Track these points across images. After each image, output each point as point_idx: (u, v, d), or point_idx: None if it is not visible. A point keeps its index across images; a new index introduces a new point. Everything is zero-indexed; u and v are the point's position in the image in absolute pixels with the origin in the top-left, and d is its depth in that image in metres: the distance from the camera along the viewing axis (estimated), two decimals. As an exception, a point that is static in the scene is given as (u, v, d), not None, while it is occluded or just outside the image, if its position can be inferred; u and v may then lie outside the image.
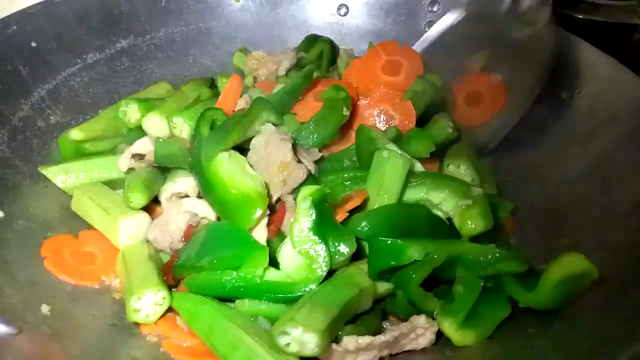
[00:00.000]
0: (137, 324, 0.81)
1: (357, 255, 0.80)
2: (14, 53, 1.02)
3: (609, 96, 0.92)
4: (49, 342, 0.74)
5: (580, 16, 1.21)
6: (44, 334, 0.74)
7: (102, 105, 1.13)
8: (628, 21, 1.20)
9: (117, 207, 0.92)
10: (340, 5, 1.26)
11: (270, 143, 0.88)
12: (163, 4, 1.19)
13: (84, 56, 1.11)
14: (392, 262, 0.77)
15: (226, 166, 0.83)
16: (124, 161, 0.97)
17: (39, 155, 1.01)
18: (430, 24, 1.16)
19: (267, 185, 0.85)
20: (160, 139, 0.95)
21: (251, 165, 0.85)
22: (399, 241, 0.78)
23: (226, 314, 0.78)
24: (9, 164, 0.95)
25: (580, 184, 0.91)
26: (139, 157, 0.97)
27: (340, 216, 0.82)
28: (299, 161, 0.88)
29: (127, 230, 0.90)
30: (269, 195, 0.84)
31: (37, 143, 1.01)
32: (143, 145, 0.96)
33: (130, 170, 0.97)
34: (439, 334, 0.77)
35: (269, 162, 0.86)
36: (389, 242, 0.79)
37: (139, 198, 0.90)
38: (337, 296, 0.74)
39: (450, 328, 0.77)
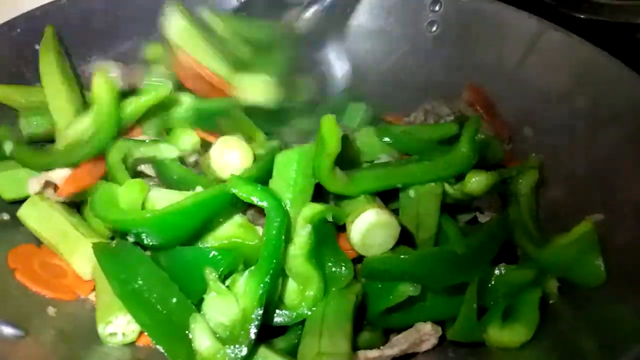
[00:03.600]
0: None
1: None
2: (18, 55, 1.03)
3: (612, 96, 0.91)
4: (55, 343, 0.74)
5: (583, 16, 1.20)
6: (50, 335, 0.75)
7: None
8: (631, 21, 1.19)
9: (64, 241, 0.82)
10: (342, 4, 1.25)
11: None
12: (166, 4, 1.19)
13: (88, 58, 1.11)
14: (390, 298, 0.73)
15: None
16: (34, 184, 0.86)
17: (44, 157, 1.01)
18: (432, 23, 1.16)
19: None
20: None
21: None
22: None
23: None
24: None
25: (581, 184, 0.91)
26: (53, 186, 0.86)
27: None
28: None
29: (86, 263, 0.81)
30: None
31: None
32: (60, 177, 0.85)
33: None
34: (442, 338, 0.77)
35: None
36: (380, 285, 0.75)
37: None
38: (344, 310, 0.71)
39: (494, 332, 0.75)
